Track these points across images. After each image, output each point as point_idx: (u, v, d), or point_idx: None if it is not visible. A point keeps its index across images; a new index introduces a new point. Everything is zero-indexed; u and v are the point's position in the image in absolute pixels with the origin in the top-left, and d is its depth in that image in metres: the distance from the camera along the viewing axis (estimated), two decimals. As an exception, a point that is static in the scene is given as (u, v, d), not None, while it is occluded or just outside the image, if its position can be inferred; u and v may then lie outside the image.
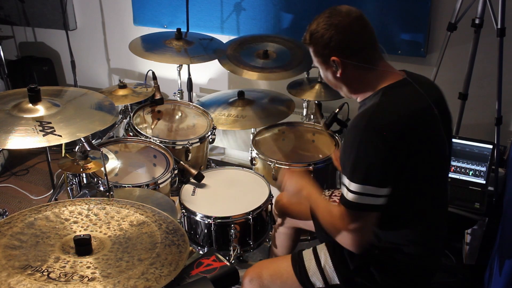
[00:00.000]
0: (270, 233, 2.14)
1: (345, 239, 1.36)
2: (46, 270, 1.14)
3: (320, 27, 1.35)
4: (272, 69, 2.58)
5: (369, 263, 1.45)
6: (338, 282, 1.50)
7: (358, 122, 1.31)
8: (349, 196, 1.30)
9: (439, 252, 1.54)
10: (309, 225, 1.82)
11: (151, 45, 2.65)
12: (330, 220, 1.38)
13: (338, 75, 1.38)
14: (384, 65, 1.40)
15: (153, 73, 2.48)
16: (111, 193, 1.67)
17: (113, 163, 2.08)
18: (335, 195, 1.83)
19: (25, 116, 1.56)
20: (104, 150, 1.99)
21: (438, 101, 1.42)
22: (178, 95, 2.84)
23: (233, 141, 3.29)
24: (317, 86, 2.58)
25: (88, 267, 1.17)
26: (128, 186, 1.98)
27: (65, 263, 1.17)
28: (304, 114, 2.77)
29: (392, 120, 1.29)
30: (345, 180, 1.31)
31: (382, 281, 1.44)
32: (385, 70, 1.39)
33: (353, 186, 1.28)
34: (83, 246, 1.21)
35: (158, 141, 2.25)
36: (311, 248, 1.60)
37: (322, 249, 1.56)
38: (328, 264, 1.52)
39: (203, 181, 2.17)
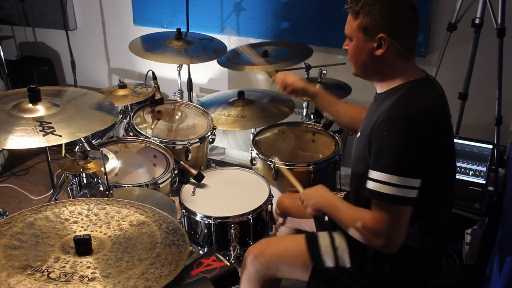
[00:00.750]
0: (270, 233, 2.14)
1: (380, 241, 1.32)
2: (46, 270, 1.14)
3: (380, 1, 1.32)
4: (273, 62, 2.57)
5: (380, 253, 1.44)
6: (349, 266, 1.49)
7: (392, 112, 1.29)
8: (385, 189, 1.27)
9: (442, 249, 1.54)
10: (311, 225, 1.82)
11: (151, 45, 2.65)
12: (361, 228, 1.34)
13: (377, 53, 1.36)
14: (414, 60, 1.43)
15: (153, 73, 2.48)
16: (111, 192, 1.67)
17: (113, 163, 2.08)
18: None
19: (25, 116, 1.56)
20: (104, 150, 1.99)
21: (446, 102, 1.45)
22: (178, 95, 2.84)
23: (233, 141, 3.29)
24: (317, 86, 2.57)
25: (88, 267, 1.17)
26: (128, 186, 1.98)
27: (65, 263, 1.17)
28: (304, 114, 2.77)
29: (426, 109, 1.30)
30: (377, 173, 1.28)
31: (390, 273, 1.44)
32: (414, 65, 1.42)
33: (394, 179, 1.26)
34: (83, 246, 1.21)
35: (158, 141, 2.25)
36: (325, 231, 1.59)
37: (337, 233, 1.56)
38: (343, 246, 1.51)
39: (203, 181, 2.17)
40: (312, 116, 2.71)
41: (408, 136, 1.26)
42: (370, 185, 1.31)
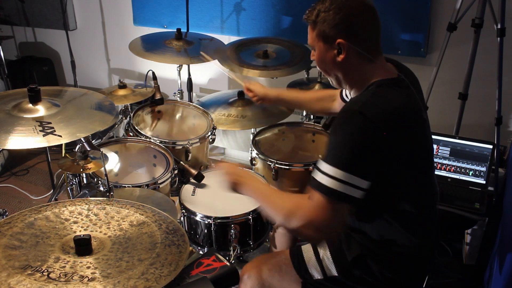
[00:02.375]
0: (270, 233, 2.14)
1: (311, 231, 1.29)
2: (46, 270, 1.14)
3: (333, 7, 1.32)
4: (275, 67, 2.58)
5: (365, 255, 1.45)
6: (336, 274, 1.50)
7: (351, 106, 1.28)
8: (330, 182, 1.23)
9: (432, 246, 1.54)
10: None
11: (151, 45, 2.65)
12: (297, 215, 1.29)
13: (338, 59, 1.35)
14: (382, 61, 1.40)
15: (153, 73, 2.48)
16: (111, 193, 1.67)
17: (113, 163, 2.08)
18: None
19: (25, 116, 1.56)
20: (104, 150, 1.99)
21: (421, 97, 1.43)
22: (178, 95, 2.84)
23: (233, 141, 3.29)
24: (316, 86, 2.58)
25: (88, 267, 1.17)
26: (128, 186, 1.98)
27: (65, 263, 1.17)
28: (304, 114, 2.77)
29: (386, 111, 1.27)
30: (325, 165, 1.25)
31: (379, 274, 1.44)
32: (382, 65, 1.40)
33: (336, 172, 1.23)
34: (83, 246, 1.21)
35: (158, 141, 2.24)
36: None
37: (321, 242, 1.56)
38: (327, 256, 1.52)
39: (203, 181, 2.17)
40: (312, 116, 2.71)
41: (362, 134, 1.23)
42: (317, 175, 1.27)
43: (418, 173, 1.40)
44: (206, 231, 1.99)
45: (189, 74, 2.92)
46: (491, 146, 2.27)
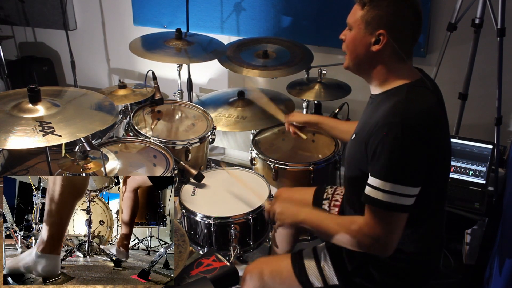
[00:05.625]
0: (270, 233, 2.14)
1: (375, 245, 1.33)
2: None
3: None
4: (275, 67, 2.58)
5: (367, 263, 1.44)
6: (337, 283, 1.50)
7: (391, 119, 1.27)
8: (383, 196, 1.27)
9: (439, 251, 1.54)
10: None
11: (151, 45, 2.65)
12: (355, 232, 1.34)
13: (373, 49, 1.35)
14: (410, 63, 1.41)
15: (153, 73, 2.48)
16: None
17: (113, 163, 2.08)
18: (338, 193, 1.83)
19: (25, 116, 1.56)
20: (104, 150, 1.99)
21: (441, 103, 1.43)
22: (178, 95, 2.84)
23: (233, 141, 3.29)
24: (316, 86, 2.58)
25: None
26: (128, 186, 1.98)
27: None
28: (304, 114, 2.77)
29: (424, 116, 1.28)
30: (375, 181, 1.28)
31: (381, 281, 1.44)
32: (409, 67, 1.40)
33: (388, 186, 1.26)
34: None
35: (158, 141, 2.24)
36: (311, 248, 1.60)
37: (322, 249, 1.57)
38: (328, 264, 1.52)
39: (203, 181, 2.17)
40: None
41: (405, 143, 1.25)
42: (366, 190, 1.31)
43: (438, 179, 1.40)
44: (206, 231, 1.99)
45: (189, 74, 2.92)
46: (491, 146, 2.27)
